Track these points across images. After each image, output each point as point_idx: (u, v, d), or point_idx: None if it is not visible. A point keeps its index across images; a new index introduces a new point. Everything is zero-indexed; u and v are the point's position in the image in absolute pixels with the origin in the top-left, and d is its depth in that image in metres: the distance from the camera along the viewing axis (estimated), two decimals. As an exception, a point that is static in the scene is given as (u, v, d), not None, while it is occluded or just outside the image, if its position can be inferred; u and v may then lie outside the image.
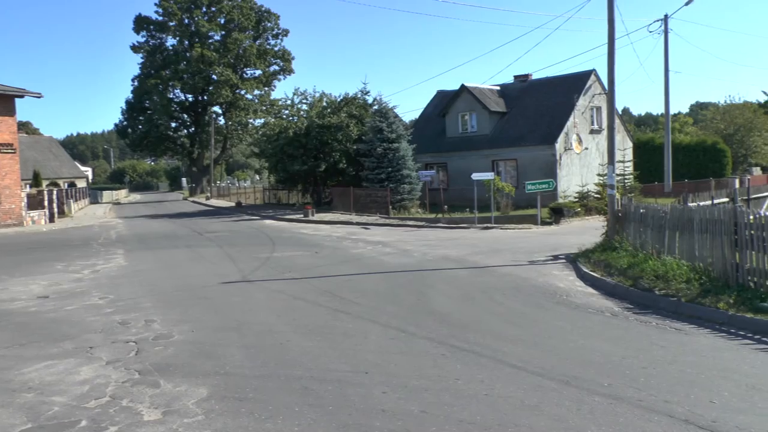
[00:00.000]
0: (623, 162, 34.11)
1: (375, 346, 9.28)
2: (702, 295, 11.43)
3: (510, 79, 45.98)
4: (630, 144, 43.94)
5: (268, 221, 36.08)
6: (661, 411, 6.52)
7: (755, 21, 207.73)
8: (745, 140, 61.15)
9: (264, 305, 12.53)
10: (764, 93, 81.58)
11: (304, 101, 46.28)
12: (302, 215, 36.60)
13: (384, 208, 35.54)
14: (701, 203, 18.27)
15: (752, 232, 11.68)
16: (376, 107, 41.58)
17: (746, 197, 25.26)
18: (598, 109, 41.10)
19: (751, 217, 12.27)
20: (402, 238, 24.91)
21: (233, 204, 55.29)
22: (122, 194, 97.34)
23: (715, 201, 20.62)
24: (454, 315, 11.36)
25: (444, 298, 12.99)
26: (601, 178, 32.86)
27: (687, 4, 41.47)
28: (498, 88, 45.07)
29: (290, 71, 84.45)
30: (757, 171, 52.07)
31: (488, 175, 32.48)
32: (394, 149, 37.83)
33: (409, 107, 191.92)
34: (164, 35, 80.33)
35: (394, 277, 15.70)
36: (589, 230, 22.56)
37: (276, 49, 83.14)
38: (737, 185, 34.35)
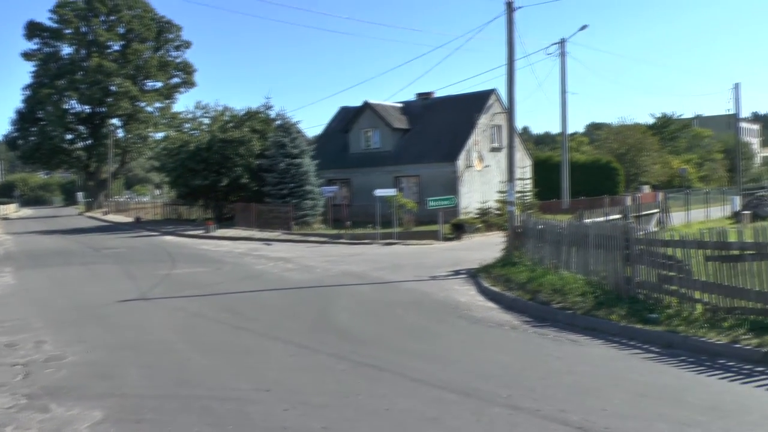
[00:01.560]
0: (523, 179, 35.04)
1: (276, 363, 9.20)
2: (596, 307, 11.86)
3: (413, 97, 46.63)
4: (529, 162, 45.19)
5: (168, 237, 35.25)
6: (557, 419, 6.73)
7: (644, 48, 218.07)
8: (636, 160, 63.84)
9: (163, 323, 12.23)
10: (652, 116, 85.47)
11: (206, 115, 45.52)
12: (203, 231, 35.93)
13: (286, 224, 35.32)
14: (596, 220, 18.95)
15: (642, 247, 12.24)
16: (279, 122, 41.32)
17: (637, 214, 26.35)
18: (499, 127, 42.11)
19: (641, 233, 12.89)
20: (304, 254, 24.81)
21: (132, 219, 53.71)
22: (11, 209, 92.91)
23: (609, 217, 21.43)
24: (356, 330, 11.40)
25: (346, 313, 13.01)
26: (502, 194, 33.61)
27: (582, 29, 43.33)
28: (401, 105, 45.59)
29: (192, 84, 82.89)
30: (647, 189, 54.43)
31: (391, 192, 32.72)
32: (297, 165, 37.68)
33: (313, 123, 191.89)
34: (59, 43, 77.38)
35: (297, 294, 15.63)
36: (489, 246, 23.04)
37: (178, 61, 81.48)
38: (629, 202, 35.85)
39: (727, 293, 10.51)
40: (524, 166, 39.48)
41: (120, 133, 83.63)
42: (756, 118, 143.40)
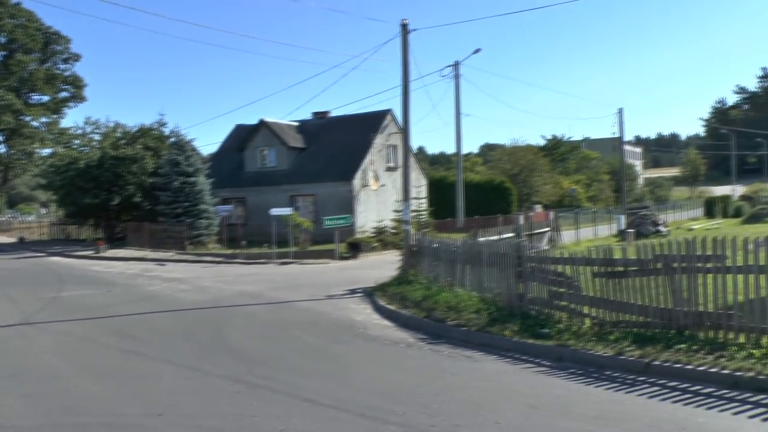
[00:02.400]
0: (418, 199, 35.53)
1: (169, 387, 8.97)
2: (490, 323, 12.13)
3: (309, 116, 46.64)
4: (425, 181, 45.90)
5: (55, 258, 33.81)
6: (451, 436, 6.83)
7: (537, 72, 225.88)
8: (528, 180, 65.80)
9: (48, 349, 11.71)
10: (543, 138, 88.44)
11: (97, 131, 44.01)
12: (94, 251, 34.67)
13: (180, 244, 34.55)
14: (490, 238, 19.40)
15: (533, 264, 12.64)
16: (173, 139, 40.47)
17: (529, 232, 27.16)
18: (395, 147, 42.60)
19: (533, 251, 13.32)
20: (199, 275, 24.33)
21: (15, 240, 51.25)
22: None
23: (502, 236, 21.98)
24: (251, 351, 11.26)
25: (241, 334, 12.83)
26: (397, 213, 33.92)
27: (475, 52, 44.53)
28: (297, 124, 45.50)
29: (82, 99, 79.90)
30: (539, 208, 56.11)
31: (287, 211, 32.58)
32: (191, 183, 36.98)
33: (208, 141, 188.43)
34: (-68, 50, 73.44)
35: (191, 315, 15.31)
36: (385, 264, 23.23)
37: (66, 74, 78.55)
38: (522, 221, 36.87)
39: (613, 308, 10.99)
40: (420, 186, 40.08)
41: (2, 149, 79.76)
42: (638, 141, 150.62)
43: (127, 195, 40.08)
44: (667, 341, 9.73)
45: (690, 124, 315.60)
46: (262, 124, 43.11)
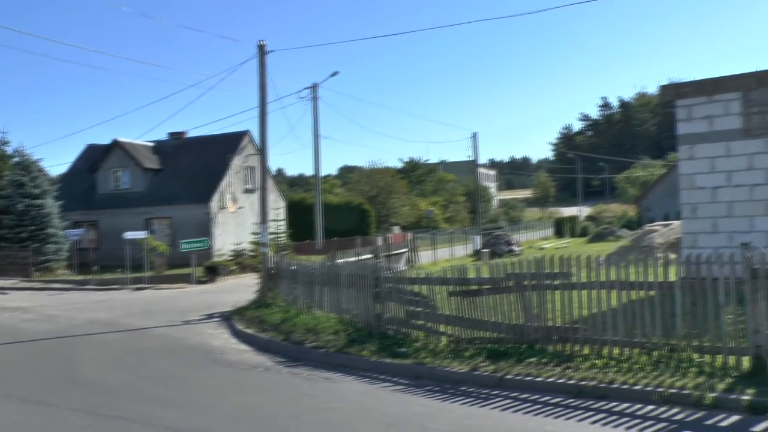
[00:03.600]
0: (277, 221, 35.46)
1: (8, 424, 8.47)
2: (349, 344, 12.27)
3: (165, 136, 45.55)
4: (283, 203, 45.80)
5: None
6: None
7: (395, 96, 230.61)
8: (386, 202, 66.96)
9: None
10: (400, 160, 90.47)
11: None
12: None
13: (25, 271, 32.79)
14: (348, 260, 19.64)
15: (390, 285, 12.91)
16: (17, 159, 38.44)
17: (387, 253, 27.70)
18: (252, 169, 42.29)
19: (390, 271, 13.64)
20: (46, 303, 23.13)
21: None
22: None
23: (361, 257, 22.29)
24: (103, 382, 10.83)
25: (93, 364, 12.31)
26: (256, 236, 33.65)
27: (333, 75, 45.28)
28: (153, 144, 44.36)
29: None
30: (397, 230, 57.11)
31: (141, 234, 31.68)
32: (37, 206, 35.24)
33: (58, 161, 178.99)
34: None
35: (36, 346, 14.54)
36: (244, 288, 22.95)
37: None
38: (380, 243, 37.47)
39: (468, 325, 11.40)
40: (278, 208, 39.98)
41: None
42: (493, 164, 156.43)
43: (-38, 219, 37.57)
44: (519, 356, 10.20)
45: (540, 148, 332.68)
46: (116, 144, 41.74)
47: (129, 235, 30.46)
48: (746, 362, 8.69)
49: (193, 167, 41.11)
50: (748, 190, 14.25)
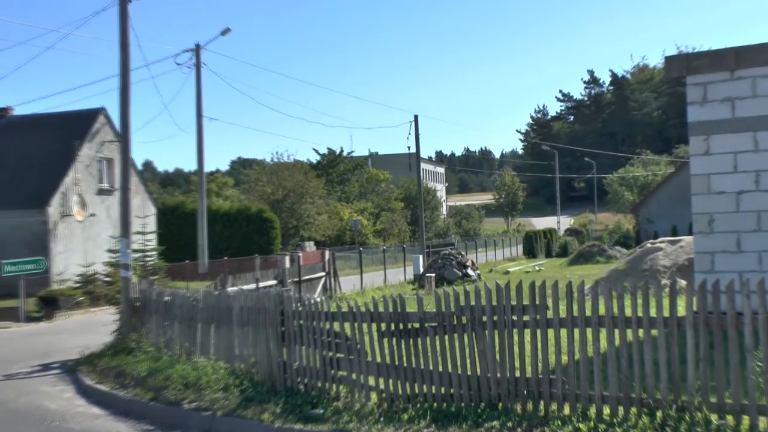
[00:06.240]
0: (144, 234, 35.03)
1: None
2: (244, 405, 12.15)
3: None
4: (154, 210, 45.36)
5: None
6: None
7: (305, 66, 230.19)
8: (296, 208, 66.65)
9: None
10: (316, 151, 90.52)
11: None
12: None
13: None
14: (244, 287, 19.49)
15: (301, 322, 12.81)
16: None
17: (298, 279, 27.63)
18: (110, 161, 41.76)
19: (301, 304, 13.50)
20: None
21: None
22: None
23: (261, 284, 22.18)
24: None
25: None
26: (114, 255, 33.21)
27: (223, 34, 43.35)
28: (-36, 124, 43.42)
29: None
30: (310, 246, 56.93)
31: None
32: None
33: None
34: None
35: None
36: (96, 326, 22.65)
37: None
38: (288, 264, 37.34)
39: (407, 377, 11.37)
40: (146, 216, 39.52)
41: None
42: (441, 158, 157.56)
43: None
44: (476, 417, 10.23)
45: (505, 137, 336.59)
46: None
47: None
48: (779, 425, 8.85)
49: (21, 157, 40.26)
50: (784, 196, 14.46)
